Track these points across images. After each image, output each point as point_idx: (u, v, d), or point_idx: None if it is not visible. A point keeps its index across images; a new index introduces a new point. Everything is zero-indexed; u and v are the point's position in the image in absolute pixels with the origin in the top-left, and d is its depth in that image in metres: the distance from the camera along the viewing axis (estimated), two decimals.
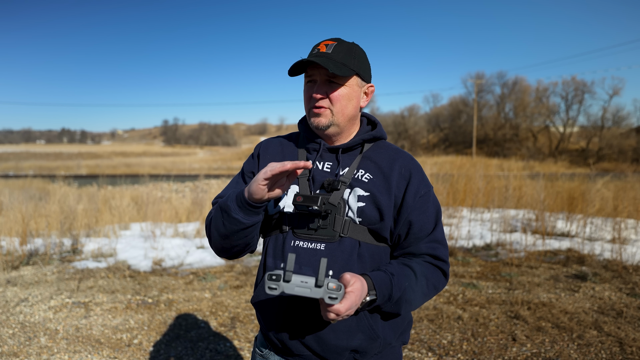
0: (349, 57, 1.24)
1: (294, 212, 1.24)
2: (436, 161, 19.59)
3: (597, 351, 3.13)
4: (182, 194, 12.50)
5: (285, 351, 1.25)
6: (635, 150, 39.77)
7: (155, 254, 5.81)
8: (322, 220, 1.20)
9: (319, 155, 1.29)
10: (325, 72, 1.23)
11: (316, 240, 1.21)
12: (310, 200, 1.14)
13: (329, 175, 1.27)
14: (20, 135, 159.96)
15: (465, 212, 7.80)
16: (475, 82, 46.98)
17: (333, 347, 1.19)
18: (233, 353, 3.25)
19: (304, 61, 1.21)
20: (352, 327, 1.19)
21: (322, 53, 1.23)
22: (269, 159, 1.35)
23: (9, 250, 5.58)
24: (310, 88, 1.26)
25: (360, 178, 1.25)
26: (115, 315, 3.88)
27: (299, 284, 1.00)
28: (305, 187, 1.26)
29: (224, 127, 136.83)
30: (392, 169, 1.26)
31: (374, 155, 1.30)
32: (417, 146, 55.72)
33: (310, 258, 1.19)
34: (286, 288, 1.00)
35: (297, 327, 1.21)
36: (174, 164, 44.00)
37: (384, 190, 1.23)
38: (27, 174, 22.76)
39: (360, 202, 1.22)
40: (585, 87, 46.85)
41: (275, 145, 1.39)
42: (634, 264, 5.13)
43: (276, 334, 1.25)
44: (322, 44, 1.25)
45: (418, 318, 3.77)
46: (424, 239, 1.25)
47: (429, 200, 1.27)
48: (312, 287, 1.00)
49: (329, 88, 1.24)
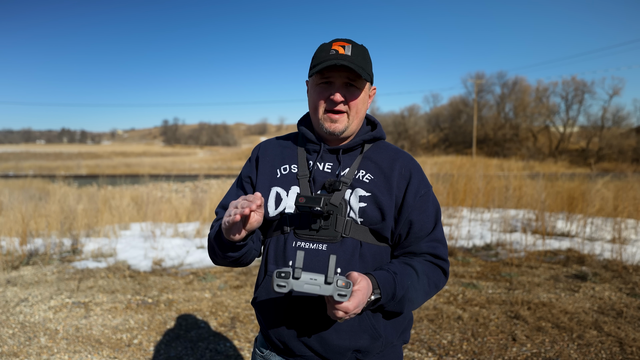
0: (364, 60, 1.24)
1: (296, 213, 1.24)
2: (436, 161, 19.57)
3: (597, 351, 3.13)
4: (182, 194, 12.50)
5: (287, 352, 1.25)
6: (635, 150, 39.75)
7: (155, 254, 5.81)
8: (324, 221, 1.20)
9: (320, 156, 1.29)
10: (346, 75, 1.22)
11: (318, 241, 1.21)
12: (313, 201, 1.13)
13: (330, 175, 1.27)
14: (20, 135, 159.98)
15: (465, 212, 7.80)
16: (475, 82, 46.99)
17: (336, 348, 1.19)
18: (233, 353, 3.25)
19: (337, 64, 1.17)
20: (354, 327, 1.19)
21: (344, 56, 1.20)
22: (268, 162, 1.34)
23: (9, 250, 5.58)
24: (326, 90, 1.24)
25: (361, 178, 1.25)
26: (115, 315, 3.88)
27: (309, 282, 0.99)
28: (306, 187, 1.25)
29: (224, 127, 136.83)
30: (393, 169, 1.26)
31: (374, 156, 1.30)
32: (417, 146, 55.72)
33: (312, 259, 1.19)
34: (295, 285, 0.99)
35: (299, 328, 1.21)
36: (174, 164, 43.99)
37: (385, 190, 1.23)
38: (27, 174, 22.75)
39: (362, 203, 1.22)
40: (585, 87, 46.89)
41: (274, 147, 1.38)
42: (634, 264, 5.13)
43: (277, 335, 1.24)
44: (337, 45, 1.23)
45: (418, 318, 3.77)
46: (424, 238, 1.26)
47: (429, 199, 1.28)
48: (322, 285, 0.99)
49: (347, 92, 1.24)
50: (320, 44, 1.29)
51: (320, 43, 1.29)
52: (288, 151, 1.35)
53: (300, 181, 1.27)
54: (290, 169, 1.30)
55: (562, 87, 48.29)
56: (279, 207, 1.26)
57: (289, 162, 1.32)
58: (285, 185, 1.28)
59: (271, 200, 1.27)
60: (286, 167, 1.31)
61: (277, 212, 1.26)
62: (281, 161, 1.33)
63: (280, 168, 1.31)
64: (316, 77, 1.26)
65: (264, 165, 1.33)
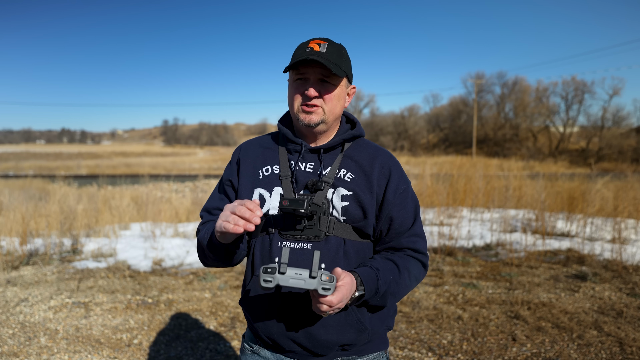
0: (340, 58, 1.27)
1: (280, 214, 1.26)
2: (436, 161, 19.57)
3: (597, 351, 3.13)
4: (182, 194, 12.51)
5: (276, 348, 1.29)
6: (635, 150, 39.74)
7: (155, 254, 5.81)
8: (308, 221, 1.23)
9: (301, 156, 1.31)
10: (320, 71, 1.24)
11: (303, 240, 1.24)
12: (296, 204, 1.16)
13: (312, 175, 1.29)
14: (20, 135, 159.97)
15: (465, 212, 7.80)
16: (475, 82, 46.99)
17: (324, 342, 1.23)
18: (233, 353, 3.25)
19: (307, 59, 1.20)
20: (341, 322, 1.23)
21: (318, 53, 1.23)
22: (250, 163, 1.36)
23: (9, 250, 5.59)
24: (301, 86, 1.27)
25: (342, 177, 1.28)
26: (115, 315, 3.88)
27: (294, 276, 1.04)
28: (289, 188, 1.27)
29: (224, 127, 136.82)
30: (373, 167, 1.30)
31: (354, 154, 1.33)
32: (417, 146, 55.72)
33: (298, 258, 1.22)
34: (281, 280, 1.03)
35: (287, 325, 1.25)
36: (174, 164, 43.97)
37: (366, 188, 1.27)
38: (27, 174, 22.75)
39: (344, 202, 1.25)
40: (585, 87, 46.90)
41: (255, 148, 1.40)
42: (634, 264, 5.13)
43: (266, 332, 1.27)
44: (314, 43, 1.26)
45: (418, 318, 3.78)
46: (404, 233, 1.30)
47: (408, 196, 1.32)
48: (307, 279, 1.03)
49: (322, 87, 1.26)
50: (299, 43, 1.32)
51: (311, 38, 1.32)
52: (269, 152, 1.37)
53: (283, 182, 1.28)
54: (272, 169, 1.32)
55: (562, 87, 48.36)
56: (262, 209, 1.28)
57: (270, 163, 1.34)
58: (268, 187, 1.30)
59: None
60: (268, 168, 1.33)
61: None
62: (263, 162, 1.35)
63: (262, 169, 1.33)
64: (293, 73, 1.29)
65: (246, 167, 1.35)
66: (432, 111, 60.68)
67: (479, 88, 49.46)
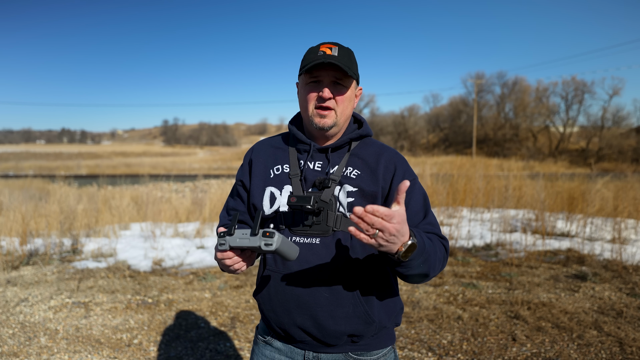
0: (350, 61, 1.32)
1: (289, 211, 1.31)
2: (436, 161, 19.58)
3: (597, 351, 3.13)
4: (182, 194, 12.50)
5: (288, 338, 1.34)
6: (635, 150, 39.73)
7: (155, 254, 5.81)
8: (316, 217, 1.28)
9: (310, 155, 1.36)
10: (333, 73, 1.29)
11: (311, 235, 1.29)
12: (303, 200, 1.22)
13: (320, 174, 1.34)
14: (20, 135, 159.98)
15: (465, 212, 7.80)
16: (475, 82, 46.97)
17: (332, 332, 1.27)
18: (233, 353, 3.25)
19: (324, 62, 1.24)
20: (349, 313, 1.27)
21: (331, 56, 1.27)
22: (262, 163, 1.42)
23: (9, 250, 5.58)
24: (315, 88, 1.31)
25: (349, 175, 1.32)
26: (115, 315, 3.88)
27: (240, 236, 1.11)
28: (298, 186, 1.33)
29: (224, 127, 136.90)
30: (378, 163, 1.33)
31: (360, 152, 1.37)
32: (417, 146, 55.70)
33: (307, 252, 1.27)
34: (230, 241, 1.11)
35: (298, 316, 1.29)
36: (174, 164, 43.99)
37: (371, 183, 1.30)
38: (27, 174, 22.76)
39: (349, 198, 1.29)
40: (585, 87, 46.86)
41: (266, 148, 1.46)
42: (634, 264, 5.13)
43: (278, 324, 1.33)
44: (325, 47, 1.31)
45: (418, 318, 3.78)
46: (419, 223, 1.29)
47: (415, 188, 1.33)
48: (250, 237, 1.09)
49: (335, 89, 1.31)
50: (308, 48, 1.36)
51: (320, 42, 1.36)
52: (280, 152, 1.43)
53: (293, 180, 1.34)
54: (282, 169, 1.38)
55: (562, 87, 48.32)
56: (273, 206, 1.34)
57: (281, 163, 1.40)
58: (279, 185, 1.36)
59: (266, 200, 1.36)
60: (279, 167, 1.39)
61: (272, 211, 1.34)
62: (274, 162, 1.41)
63: (273, 168, 1.39)
64: (305, 76, 1.33)
65: (258, 167, 1.42)
66: (432, 111, 60.66)
67: (479, 88, 49.45)
